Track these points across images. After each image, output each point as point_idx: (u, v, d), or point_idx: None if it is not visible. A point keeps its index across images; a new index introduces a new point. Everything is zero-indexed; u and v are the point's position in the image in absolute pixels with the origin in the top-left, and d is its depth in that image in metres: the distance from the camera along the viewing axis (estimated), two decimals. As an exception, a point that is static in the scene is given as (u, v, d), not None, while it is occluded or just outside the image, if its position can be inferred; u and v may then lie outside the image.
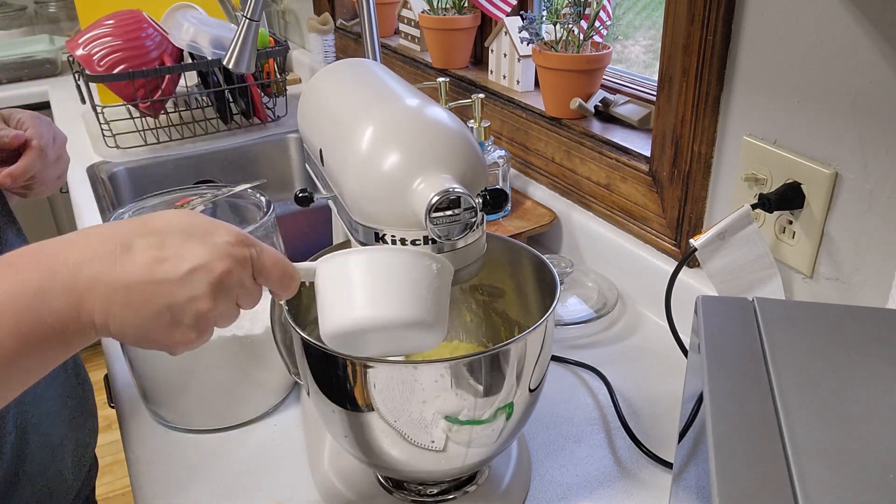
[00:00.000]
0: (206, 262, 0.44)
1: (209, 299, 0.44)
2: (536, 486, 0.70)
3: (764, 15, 0.74)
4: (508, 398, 0.58)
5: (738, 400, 0.39)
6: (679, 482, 0.49)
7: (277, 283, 0.49)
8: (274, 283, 0.49)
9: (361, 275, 0.50)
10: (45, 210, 2.30)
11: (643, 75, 1.16)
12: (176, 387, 0.75)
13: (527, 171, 1.20)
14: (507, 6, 1.25)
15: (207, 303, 0.44)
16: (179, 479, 0.72)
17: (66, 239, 0.44)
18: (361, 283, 0.50)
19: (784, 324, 0.45)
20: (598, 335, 0.93)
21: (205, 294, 0.43)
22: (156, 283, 0.42)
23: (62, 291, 0.41)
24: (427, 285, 0.51)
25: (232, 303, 0.46)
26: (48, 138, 0.76)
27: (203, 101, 1.59)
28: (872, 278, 0.70)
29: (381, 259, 0.51)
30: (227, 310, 0.46)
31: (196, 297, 0.43)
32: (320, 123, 0.64)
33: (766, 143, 0.77)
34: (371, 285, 0.50)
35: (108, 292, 0.42)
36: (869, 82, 0.66)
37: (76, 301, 0.41)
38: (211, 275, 0.44)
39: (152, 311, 0.43)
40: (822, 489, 0.33)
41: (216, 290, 0.44)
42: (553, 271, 0.64)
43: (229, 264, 0.45)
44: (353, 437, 0.60)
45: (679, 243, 0.92)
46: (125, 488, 1.98)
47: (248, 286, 0.47)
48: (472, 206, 0.52)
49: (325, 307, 0.51)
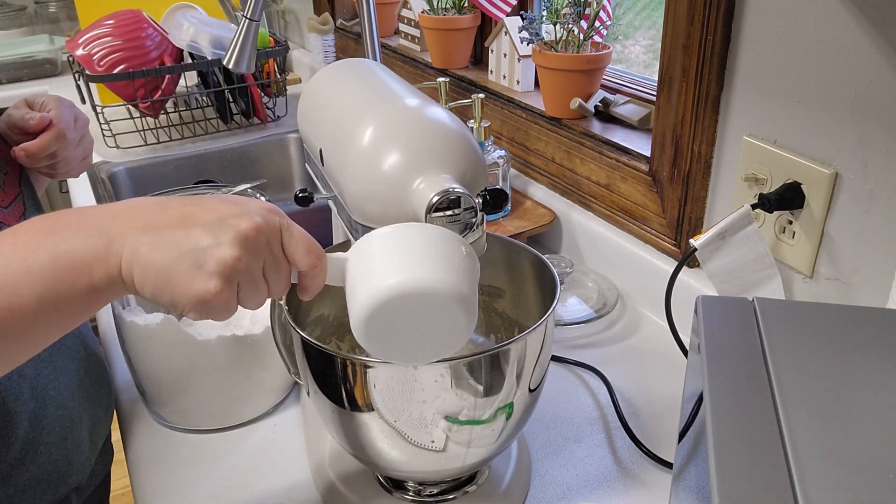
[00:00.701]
0: (236, 215, 0.44)
1: (234, 248, 0.43)
2: (536, 486, 0.70)
3: (764, 15, 0.74)
4: (508, 398, 0.58)
5: (738, 400, 0.39)
6: (679, 482, 0.49)
7: (305, 257, 0.47)
8: (301, 257, 0.47)
9: (391, 246, 0.48)
10: (45, 210, 2.30)
11: (643, 75, 1.16)
12: (176, 387, 0.75)
13: (527, 171, 1.20)
14: (507, 6, 1.25)
15: (232, 250, 0.43)
16: (179, 479, 0.72)
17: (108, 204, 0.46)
18: (389, 254, 0.48)
19: (784, 324, 0.45)
20: (598, 335, 0.93)
21: (230, 242, 0.43)
22: (185, 229, 0.43)
23: (96, 229, 0.43)
24: (459, 261, 0.48)
25: (258, 266, 0.45)
26: (69, 119, 0.78)
27: (203, 101, 1.59)
28: (872, 278, 0.70)
29: (412, 232, 0.49)
30: (253, 272, 0.45)
31: (221, 244, 0.43)
32: (320, 123, 0.64)
33: (766, 143, 0.77)
34: (400, 254, 0.47)
35: (139, 234, 0.43)
36: (869, 82, 0.66)
37: (107, 240, 0.43)
38: (238, 226, 0.44)
39: (177, 253, 0.43)
40: (822, 489, 0.33)
41: (243, 242, 0.43)
42: (553, 271, 0.64)
43: (258, 221, 0.44)
44: (353, 437, 0.60)
45: (679, 243, 0.92)
46: (125, 488, 1.97)
47: (276, 254, 0.46)
48: (472, 205, 0.52)
49: (354, 291, 0.48)
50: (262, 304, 0.47)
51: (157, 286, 0.43)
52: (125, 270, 0.43)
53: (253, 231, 0.44)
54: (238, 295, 0.45)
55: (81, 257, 0.42)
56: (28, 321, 0.42)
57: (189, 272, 0.43)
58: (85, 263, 0.42)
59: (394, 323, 0.47)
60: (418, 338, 0.49)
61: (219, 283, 0.43)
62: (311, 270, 0.48)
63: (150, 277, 0.43)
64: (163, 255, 0.43)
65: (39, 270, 0.41)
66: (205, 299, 0.43)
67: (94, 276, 0.42)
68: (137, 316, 0.73)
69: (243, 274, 0.44)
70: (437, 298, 0.46)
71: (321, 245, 0.50)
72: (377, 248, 0.48)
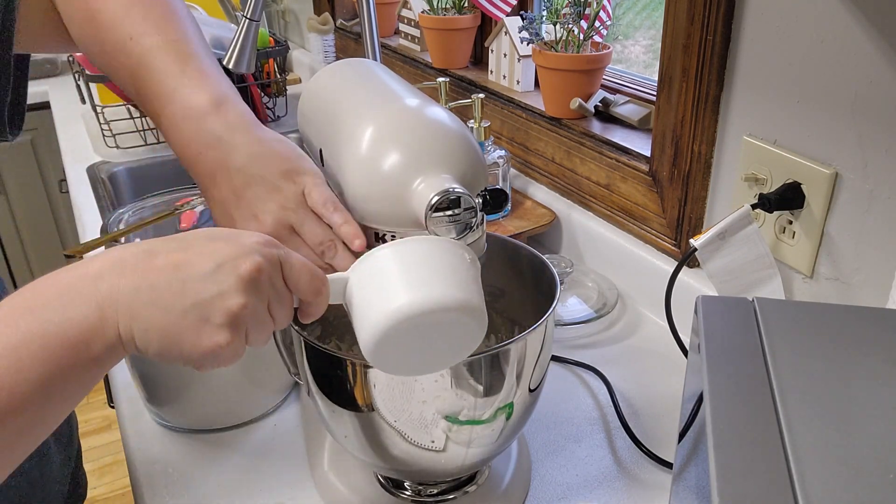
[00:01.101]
0: (233, 257, 0.42)
1: (239, 295, 0.41)
2: (536, 486, 0.70)
3: (764, 15, 0.74)
4: (508, 398, 0.58)
5: (738, 400, 0.39)
6: (679, 482, 0.49)
7: (308, 287, 0.45)
8: (304, 287, 0.45)
9: (396, 265, 0.47)
10: (45, 210, 2.30)
11: (643, 75, 1.16)
12: (176, 387, 0.75)
13: (527, 171, 1.20)
14: (507, 6, 1.25)
15: (237, 298, 0.41)
16: (179, 479, 0.72)
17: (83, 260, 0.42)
18: (397, 273, 0.46)
19: (784, 324, 0.45)
20: (598, 335, 0.93)
21: (234, 290, 0.41)
22: (181, 281, 0.41)
23: (81, 300, 0.39)
24: (465, 271, 0.48)
25: (264, 306, 0.43)
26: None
27: (203, 101, 1.58)
28: (872, 278, 0.70)
29: (413, 248, 0.48)
30: (260, 313, 0.43)
31: (224, 294, 0.41)
32: (320, 123, 0.64)
33: (766, 143, 0.77)
34: (407, 273, 0.47)
35: (132, 295, 0.40)
36: (869, 82, 0.66)
37: (97, 309, 0.39)
38: (238, 270, 0.41)
39: (179, 311, 0.40)
40: (822, 489, 0.33)
41: (246, 286, 0.41)
42: (553, 271, 0.64)
43: (258, 261, 0.42)
44: (352, 437, 0.60)
45: (679, 243, 0.92)
46: (125, 488, 1.98)
47: (279, 288, 0.44)
48: (472, 205, 0.52)
49: (361, 315, 0.47)
50: (269, 340, 0.46)
51: (164, 347, 0.41)
52: (125, 336, 0.40)
53: (255, 272, 0.42)
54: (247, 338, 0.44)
55: (76, 336, 0.39)
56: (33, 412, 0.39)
57: (196, 327, 0.41)
58: (81, 341, 0.39)
59: (406, 342, 0.47)
60: (430, 352, 0.49)
61: (228, 335, 0.41)
62: (315, 299, 0.47)
63: (154, 340, 0.41)
64: (164, 316, 0.40)
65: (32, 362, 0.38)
66: (217, 353, 0.42)
67: (93, 351, 0.40)
68: (137, 316, 0.72)
69: (251, 318, 0.43)
70: (449, 315, 0.46)
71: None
72: (381, 267, 0.48)
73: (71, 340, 0.39)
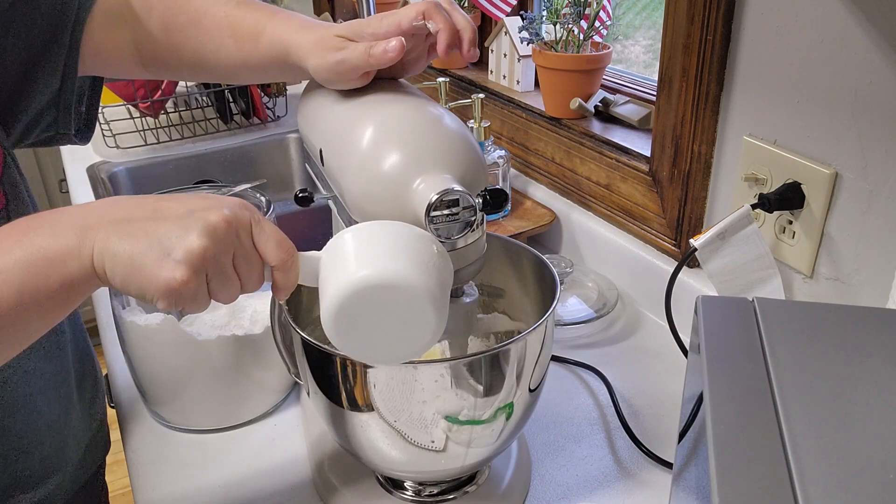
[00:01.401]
0: (205, 208, 0.45)
1: (202, 238, 0.44)
2: (536, 486, 0.70)
3: (764, 15, 0.74)
4: (508, 398, 0.58)
5: (738, 400, 0.39)
6: (679, 482, 0.49)
7: (275, 252, 0.47)
8: (272, 252, 0.47)
9: (360, 242, 0.48)
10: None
11: (643, 75, 1.16)
12: (176, 387, 0.75)
13: (527, 171, 1.20)
14: (507, 6, 1.25)
15: (200, 240, 0.44)
16: (179, 479, 0.72)
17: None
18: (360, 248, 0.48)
19: (784, 324, 0.45)
20: (598, 335, 0.93)
21: (198, 232, 0.44)
22: (155, 220, 0.44)
23: (70, 225, 0.44)
24: (429, 258, 0.49)
25: (227, 259, 0.46)
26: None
27: (203, 101, 1.59)
28: (872, 278, 0.70)
29: (379, 229, 0.49)
30: (222, 264, 0.45)
31: (189, 234, 0.44)
32: (320, 123, 0.64)
33: (766, 143, 0.77)
34: (371, 248, 0.48)
35: (111, 226, 0.44)
36: (869, 82, 0.66)
37: (80, 233, 0.44)
38: (207, 218, 0.44)
39: (146, 243, 0.44)
40: (822, 489, 0.33)
41: (210, 232, 0.44)
42: (553, 271, 0.64)
43: (227, 214, 0.45)
44: (353, 437, 0.60)
45: (679, 243, 0.92)
46: (125, 488, 1.98)
47: (245, 246, 0.46)
48: (472, 205, 0.52)
49: (323, 291, 0.49)
50: (234, 298, 0.48)
51: (126, 275, 0.44)
52: (97, 261, 0.44)
53: (222, 222, 0.45)
54: (209, 287, 0.46)
55: (56, 252, 0.43)
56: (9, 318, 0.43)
57: (157, 260, 0.43)
58: (58, 257, 0.43)
59: (362, 317, 0.48)
60: (386, 335, 0.49)
61: (186, 272, 0.43)
62: (281, 265, 0.48)
63: (119, 267, 0.44)
64: (132, 245, 0.43)
65: (15, 267, 0.43)
66: (172, 287, 0.43)
67: (68, 269, 0.44)
68: (137, 316, 0.73)
69: (211, 264, 0.45)
70: (405, 292, 0.47)
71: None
72: (350, 244, 0.49)
73: (49, 256, 0.43)
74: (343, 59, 0.58)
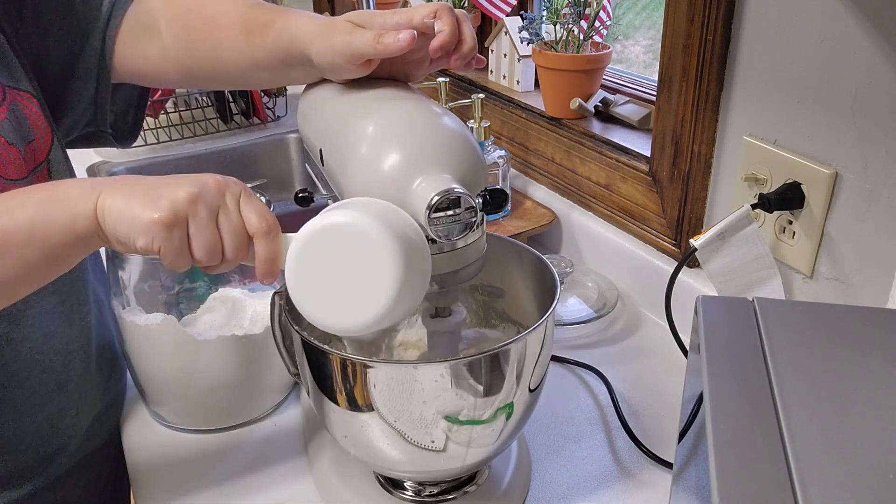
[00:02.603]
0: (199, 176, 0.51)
1: (189, 187, 0.49)
2: (536, 486, 0.70)
3: (764, 14, 0.74)
4: (508, 398, 0.58)
5: (738, 400, 0.39)
6: (679, 482, 0.49)
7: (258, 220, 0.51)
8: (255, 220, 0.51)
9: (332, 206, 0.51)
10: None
11: (643, 75, 1.16)
12: (176, 387, 0.75)
13: (527, 171, 1.20)
14: (507, 6, 1.25)
15: (186, 189, 0.49)
16: (179, 479, 0.72)
17: None
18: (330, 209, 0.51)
19: (784, 324, 0.45)
20: (598, 335, 0.93)
21: (189, 185, 0.49)
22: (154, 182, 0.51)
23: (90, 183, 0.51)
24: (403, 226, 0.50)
25: (211, 214, 0.50)
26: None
27: (203, 101, 1.59)
28: (872, 278, 0.70)
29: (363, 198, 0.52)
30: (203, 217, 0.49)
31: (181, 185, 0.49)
32: (320, 123, 0.64)
33: (766, 143, 0.77)
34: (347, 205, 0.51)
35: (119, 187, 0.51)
36: (869, 82, 0.66)
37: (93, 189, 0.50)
38: (200, 177, 0.51)
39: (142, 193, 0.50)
40: (822, 489, 0.33)
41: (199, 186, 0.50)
42: (553, 271, 0.64)
43: (220, 179, 0.51)
44: (353, 437, 0.60)
45: (679, 243, 0.92)
46: (125, 488, 1.97)
47: (230, 207, 0.51)
48: (472, 205, 0.52)
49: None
50: (215, 259, 0.51)
51: (117, 217, 0.49)
52: (98, 207, 0.49)
53: (211, 181, 0.51)
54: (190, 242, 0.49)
55: (71, 194, 0.50)
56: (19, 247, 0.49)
57: (145, 203, 0.49)
58: (71, 199, 0.50)
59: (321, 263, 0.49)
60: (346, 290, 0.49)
61: (167, 212, 0.48)
62: (263, 234, 0.51)
63: (113, 210, 0.49)
64: (129, 194, 0.50)
65: (34, 201, 0.50)
66: (153, 222, 0.48)
67: (76, 209, 0.49)
68: (137, 316, 0.73)
69: (192, 209, 0.49)
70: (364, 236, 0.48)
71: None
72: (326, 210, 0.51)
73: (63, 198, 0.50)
74: (349, 42, 0.58)
